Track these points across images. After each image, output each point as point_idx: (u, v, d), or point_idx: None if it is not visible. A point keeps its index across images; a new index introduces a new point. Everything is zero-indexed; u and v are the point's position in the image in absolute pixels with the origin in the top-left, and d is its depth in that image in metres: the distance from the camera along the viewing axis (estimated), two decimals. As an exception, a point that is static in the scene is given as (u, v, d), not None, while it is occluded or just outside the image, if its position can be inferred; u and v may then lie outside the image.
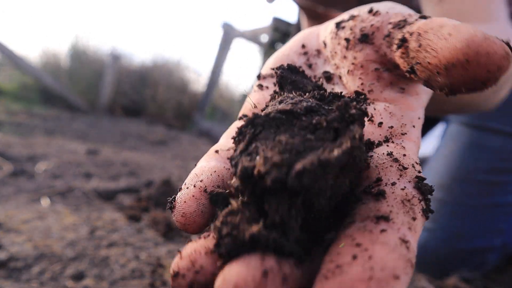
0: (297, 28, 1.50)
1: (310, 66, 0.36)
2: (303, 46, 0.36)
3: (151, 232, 0.93)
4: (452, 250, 0.83)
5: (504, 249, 0.88)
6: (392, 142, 0.28)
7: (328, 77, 0.35)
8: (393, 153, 0.26)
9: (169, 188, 1.21)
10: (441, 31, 0.23)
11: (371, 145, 0.28)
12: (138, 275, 0.70)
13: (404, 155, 0.26)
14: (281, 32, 3.71)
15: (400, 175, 0.24)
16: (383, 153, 0.26)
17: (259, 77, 0.36)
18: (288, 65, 0.30)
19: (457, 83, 0.23)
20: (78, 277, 0.67)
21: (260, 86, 0.35)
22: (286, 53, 0.37)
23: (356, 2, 0.93)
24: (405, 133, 0.28)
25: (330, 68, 0.35)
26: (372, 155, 0.27)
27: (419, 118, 0.30)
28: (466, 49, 0.22)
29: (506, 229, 0.86)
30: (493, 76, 0.22)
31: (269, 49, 3.72)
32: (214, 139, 3.80)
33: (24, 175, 1.40)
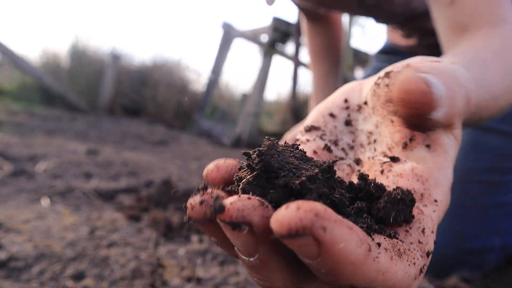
0: (297, 28, 1.50)
1: (349, 122, 0.37)
2: (346, 101, 0.37)
3: (151, 232, 0.93)
4: (453, 250, 0.83)
5: (504, 249, 0.88)
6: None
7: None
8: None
9: (169, 188, 1.21)
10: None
11: None
12: (138, 275, 0.70)
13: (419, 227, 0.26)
14: (281, 32, 3.71)
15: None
16: None
17: (303, 130, 0.38)
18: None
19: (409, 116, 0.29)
20: (78, 277, 0.67)
21: (306, 140, 0.37)
22: (329, 105, 0.38)
23: (356, 5, 0.93)
24: (428, 195, 0.29)
25: (370, 126, 0.36)
26: None
27: (446, 178, 0.30)
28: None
29: (506, 229, 0.86)
30: (422, 110, 0.27)
31: (269, 49, 3.72)
32: (214, 139, 3.80)
33: (24, 175, 1.40)
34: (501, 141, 0.85)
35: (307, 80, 4.73)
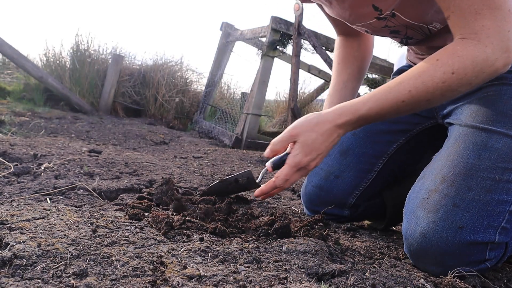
0: (297, 28, 1.51)
1: None
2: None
3: (152, 231, 0.94)
4: (453, 239, 0.85)
5: (505, 249, 0.89)
6: None
7: None
8: None
9: (171, 188, 1.22)
10: None
11: None
12: (139, 273, 0.71)
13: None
14: (281, 32, 3.71)
15: None
16: None
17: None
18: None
19: None
20: (81, 275, 0.68)
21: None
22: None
23: (376, 19, 0.97)
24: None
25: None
26: None
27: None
28: None
29: (506, 227, 0.87)
30: None
31: (268, 49, 3.72)
32: (215, 139, 3.82)
33: (28, 174, 1.42)
34: (505, 142, 0.90)
35: (306, 80, 4.71)
